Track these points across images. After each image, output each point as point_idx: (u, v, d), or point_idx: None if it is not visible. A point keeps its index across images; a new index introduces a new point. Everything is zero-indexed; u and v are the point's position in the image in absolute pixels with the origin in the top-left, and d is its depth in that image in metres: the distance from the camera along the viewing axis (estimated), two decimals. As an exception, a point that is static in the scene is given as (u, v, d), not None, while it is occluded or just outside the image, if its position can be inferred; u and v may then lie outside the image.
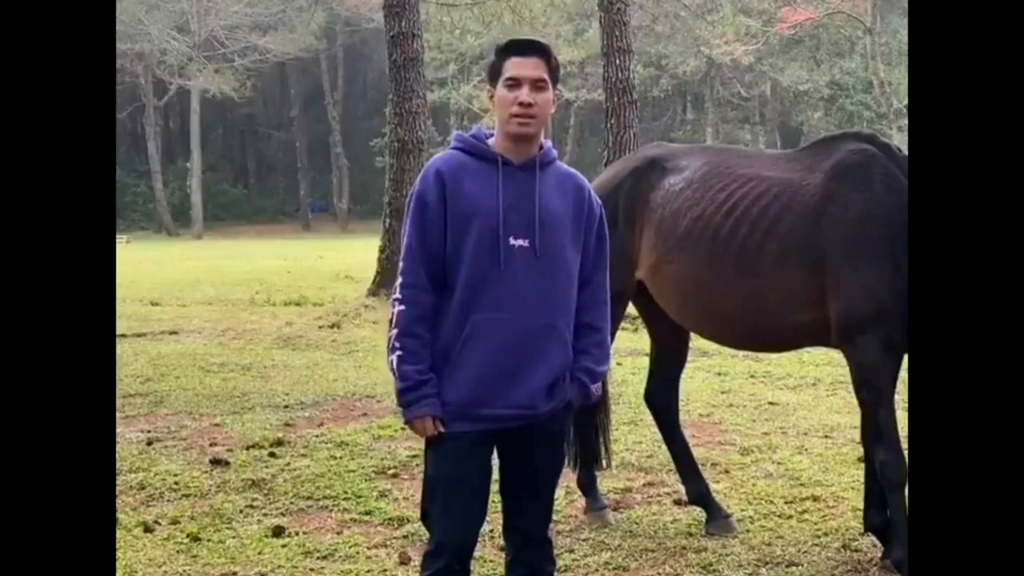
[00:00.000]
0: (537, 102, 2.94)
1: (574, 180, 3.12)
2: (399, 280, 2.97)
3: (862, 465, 4.65)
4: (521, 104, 2.93)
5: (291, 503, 5.17)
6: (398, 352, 2.92)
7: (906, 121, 25.67)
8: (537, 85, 2.95)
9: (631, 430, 6.52)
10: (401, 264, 2.98)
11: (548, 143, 3.11)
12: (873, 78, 27.22)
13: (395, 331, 2.93)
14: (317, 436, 6.56)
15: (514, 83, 2.94)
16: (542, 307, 2.95)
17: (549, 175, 3.05)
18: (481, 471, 3.01)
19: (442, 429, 2.93)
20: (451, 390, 2.93)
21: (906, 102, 26.02)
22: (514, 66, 2.96)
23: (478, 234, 2.90)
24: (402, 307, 2.94)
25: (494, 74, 3.01)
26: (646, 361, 5.21)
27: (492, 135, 3.06)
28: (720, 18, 38.12)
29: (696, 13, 36.02)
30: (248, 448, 6.24)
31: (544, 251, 2.95)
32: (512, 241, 2.92)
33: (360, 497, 5.22)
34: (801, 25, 33.28)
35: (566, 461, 3.77)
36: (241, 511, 5.03)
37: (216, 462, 5.86)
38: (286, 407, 7.62)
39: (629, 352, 8.97)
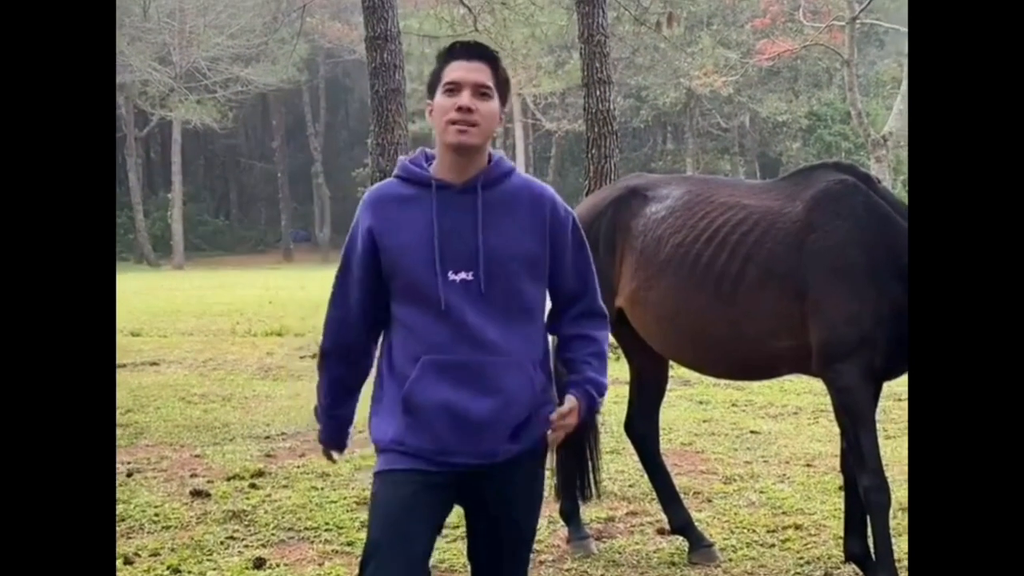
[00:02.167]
0: (479, 109, 2.58)
1: (530, 191, 2.71)
2: (324, 343, 2.82)
3: (843, 493, 4.67)
4: (460, 109, 2.56)
5: (272, 534, 5.13)
6: (318, 379, 2.92)
7: (883, 151, 25.90)
8: (480, 91, 2.59)
9: (613, 459, 6.51)
10: (327, 317, 2.80)
11: (499, 155, 2.73)
12: (851, 109, 27.41)
13: (319, 403, 2.97)
14: (298, 467, 6.52)
15: (454, 88, 2.59)
16: (495, 344, 2.61)
17: (497, 195, 2.66)
18: (430, 524, 2.67)
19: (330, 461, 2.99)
20: (405, 433, 2.64)
21: (883, 132, 26.26)
22: (455, 70, 2.60)
23: (412, 270, 2.60)
24: (323, 339, 2.83)
25: (433, 82, 2.66)
26: (627, 390, 5.22)
27: (436, 156, 2.73)
28: (699, 50, 38.49)
29: (676, 45, 36.31)
30: (229, 479, 6.21)
31: (491, 284, 2.60)
32: (452, 276, 2.59)
33: (342, 528, 5.20)
34: (779, 57, 33.58)
35: (548, 492, 3.63)
36: (222, 543, 4.99)
37: (196, 493, 5.82)
38: (267, 438, 7.58)
39: (611, 381, 8.90)
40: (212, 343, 14.25)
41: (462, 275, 2.60)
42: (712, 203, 4.58)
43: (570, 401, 2.72)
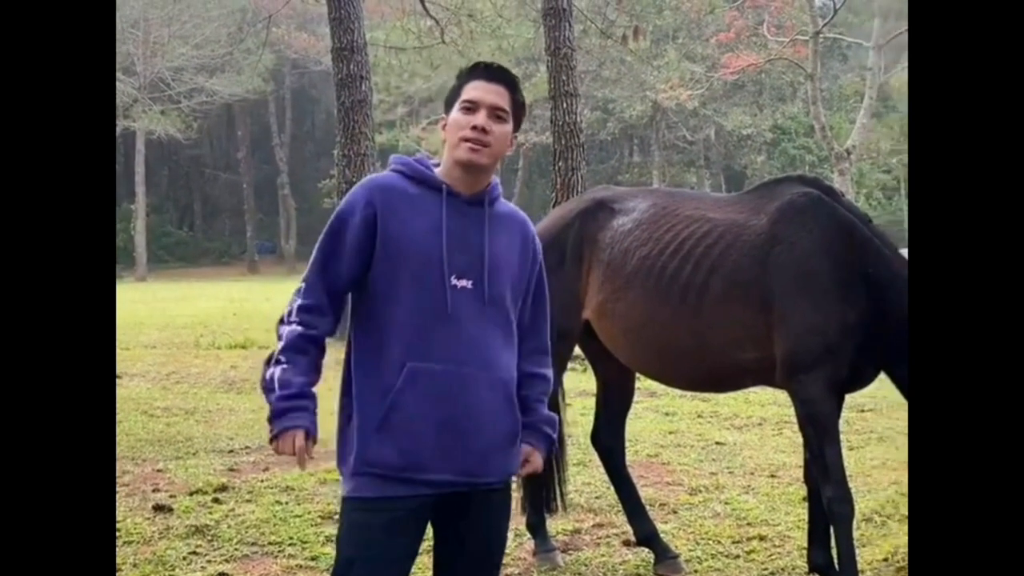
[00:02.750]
0: (493, 131, 2.61)
1: (519, 220, 2.79)
2: (296, 302, 2.60)
3: (807, 504, 4.69)
4: (475, 128, 2.59)
5: (235, 549, 5.08)
6: (282, 365, 2.54)
7: (846, 164, 26.19)
8: (496, 113, 2.63)
9: (579, 471, 6.51)
10: (302, 284, 2.62)
11: (495, 179, 2.79)
12: (814, 122, 27.73)
13: (280, 345, 2.57)
14: (262, 481, 6.47)
15: (471, 106, 2.62)
16: (487, 358, 2.59)
17: (496, 212, 2.71)
18: (407, 551, 2.61)
19: (307, 455, 2.54)
20: (379, 450, 2.53)
21: (846, 146, 26.57)
22: (474, 89, 2.64)
23: (417, 271, 2.55)
24: (298, 328, 2.57)
25: (451, 98, 2.69)
26: (594, 402, 5.23)
27: (438, 164, 2.73)
28: (665, 64, 38.76)
29: (642, 59, 36.54)
30: (192, 494, 6.14)
31: (491, 295, 2.61)
32: (455, 281, 2.57)
33: (306, 543, 5.15)
34: (744, 71, 33.90)
35: (514, 505, 3.62)
36: (184, 558, 4.93)
37: (159, 508, 5.75)
38: (231, 452, 7.51)
39: (579, 393, 8.98)
40: (175, 356, 14.11)
41: (463, 282, 2.59)
42: (678, 216, 4.60)
43: (526, 450, 2.74)
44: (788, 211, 4.32)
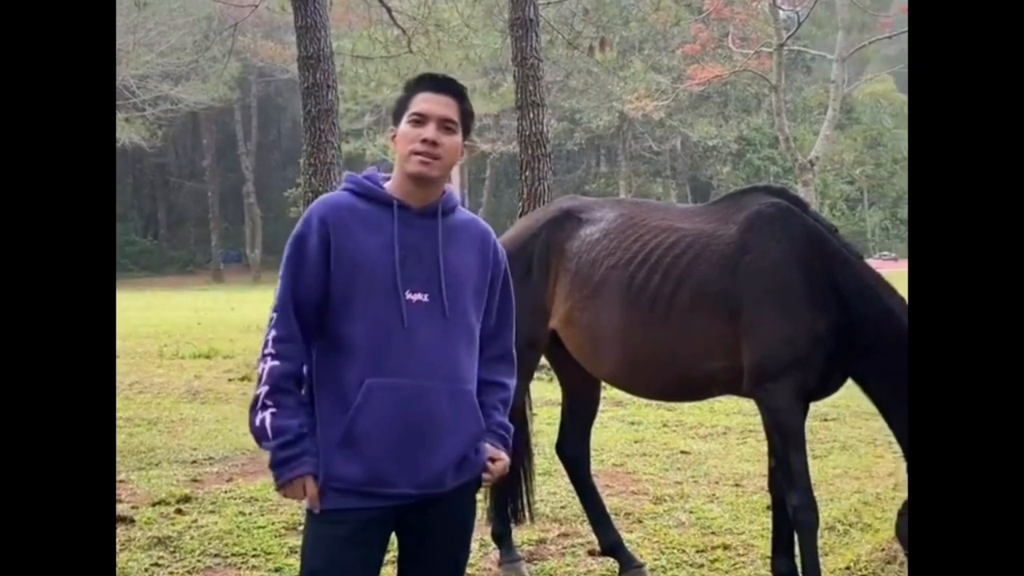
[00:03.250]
0: (443, 143, 2.63)
1: (478, 227, 2.79)
2: (270, 333, 2.58)
3: (771, 513, 4.72)
4: (424, 141, 2.61)
5: (198, 561, 5.03)
6: (271, 409, 2.52)
7: (810, 175, 26.43)
8: (445, 125, 2.64)
9: (545, 481, 6.52)
10: (273, 315, 2.60)
11: (451, 189, 2.78)
12: (779, 134, 27.95)
13: (265, 388, 2.54)
14: (226, 492, 6.41)
15: (420, 119, 2.63)
16: (447, 370, 2.60)
17: (451, 223, 2.71)
18: (371, 562, 2.61)
19: (318, 502, 2.54)
20: (343, 466, 2.54)
21: (810, 157, 26.82)
22: (423, 101, 2.65)
23: (370, 287, 2.55)
24: (275, 362, 2.55)
25: (400, 110, 2.70)
26: (559, 411, 5.24)
27: (389, 178, 2.74)
28: (631, 74, 39.00)
29: (608, 69, 36.71)
30: (154, 505, 6.07)
31: (450, 307, 2.62)
32: (409, 296, 2.58)
33: (270, 554, 5.11)
34: (709, 82, 34.12)
35: (480, 515, 3.59)
36: (146, 570, 4.88)
37: (121, 519, 5.68)
38: (194, 462, 7.45)
39: (544, 403, 9.01)
40: (138, 366, 13.97)
41: (418, 296, 2.59)
42: (646, 226, 4.62)
43: (490, 450, 2.73)
44: (757, 221, 4.35)
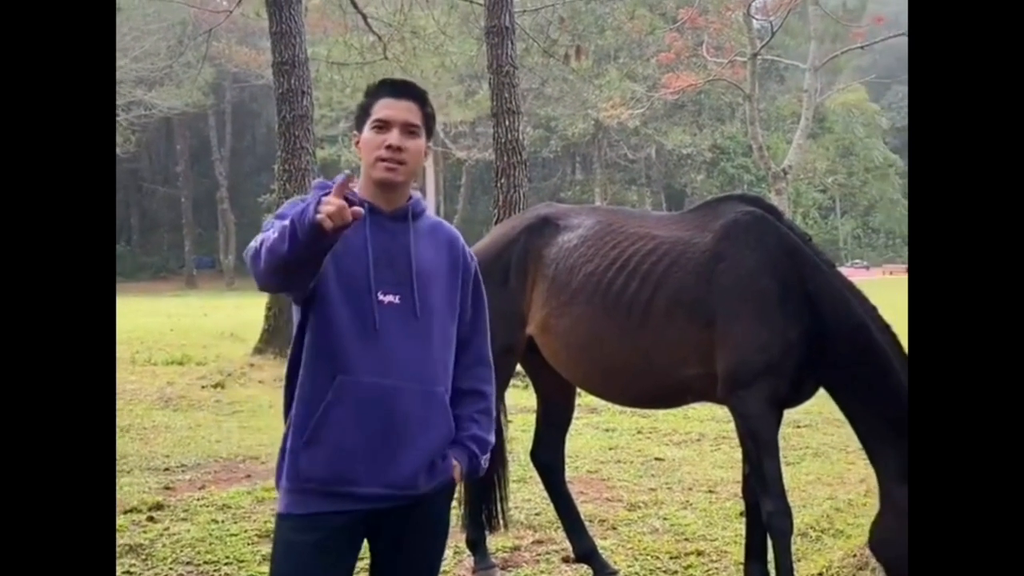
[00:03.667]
0: (407, 148, 2.64)
1: (446, 231, 2.82)
2: (264, 234, 2.46)
3: (744, 519, 4.74)
4: (389, 147, 2.62)
5: (171, 569, 4.99)
6: (269, 231, 2.41)
7: (783, 184, 26.63)
8: (408, 129, 2.66)
9: (520, 488, 6.52)
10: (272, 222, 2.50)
11: (417, 194, 2.80)
12: (752, 142, 28.14)
13: (263, 241, 2.42)
14: (198, 499, 6.37)
15: (383, 125, 2.65)
16: (419, 371, 2.61)
17: (421, 226, 2.74)
18: (341, 570, 2.60)
19: (353, 208, 2.28)
20: (311, 464, 2.54)
21: (783, 165, 27.02)
22: (384, 107, 2.66)
23: (345, 289, 2.57)
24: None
25: (362, 116, 2.72)
26: (534, 418, 5.24)
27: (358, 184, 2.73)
28: (607, 82, 39.18)
29: (584, 77, 36.88)
30: (126, 512, 6.02)
31: (420, 309, 2.63)
32: (382, 297, 2.60)
33: (242, 562, 5.08)
34: (684, 91, 34.30)
35: (455, 521, 3.61)
36: (117, 579, 4.84)
37: (91, 528, 5.63)
38: (166, 470, 7.39)
39: (519, 409, 9.02)
40: (110, 372, 13.84)
41: (390, 297, 2.60)
42: (623, 233, 4.64)
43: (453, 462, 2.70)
44: (732, 229, 4.37)
